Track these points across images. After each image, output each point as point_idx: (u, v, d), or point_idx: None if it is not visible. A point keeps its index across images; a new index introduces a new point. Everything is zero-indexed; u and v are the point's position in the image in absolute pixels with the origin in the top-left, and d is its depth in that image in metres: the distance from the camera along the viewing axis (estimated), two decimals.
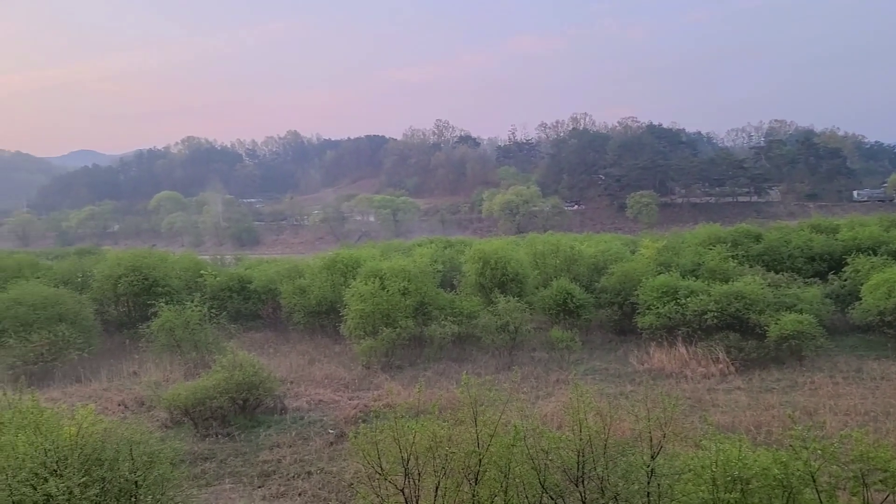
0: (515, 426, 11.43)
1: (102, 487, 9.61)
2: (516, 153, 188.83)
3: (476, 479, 11.08)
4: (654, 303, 28.95)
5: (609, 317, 32.39)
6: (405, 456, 11.27)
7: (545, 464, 11.24)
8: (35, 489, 8.99)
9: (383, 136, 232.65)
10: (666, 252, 36.77)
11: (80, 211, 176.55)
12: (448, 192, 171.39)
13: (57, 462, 9.49)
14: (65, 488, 9.03)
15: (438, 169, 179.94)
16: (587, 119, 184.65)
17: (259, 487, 16.15)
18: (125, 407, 22.41)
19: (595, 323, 32.73)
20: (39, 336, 26.56)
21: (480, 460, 11.11)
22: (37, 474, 9.19)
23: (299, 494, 15.58)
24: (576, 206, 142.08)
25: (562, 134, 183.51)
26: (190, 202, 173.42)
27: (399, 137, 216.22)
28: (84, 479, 9.35)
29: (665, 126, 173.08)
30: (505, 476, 11.07)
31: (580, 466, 11.19)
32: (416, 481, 11.30)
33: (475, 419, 11.47)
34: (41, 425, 10.37)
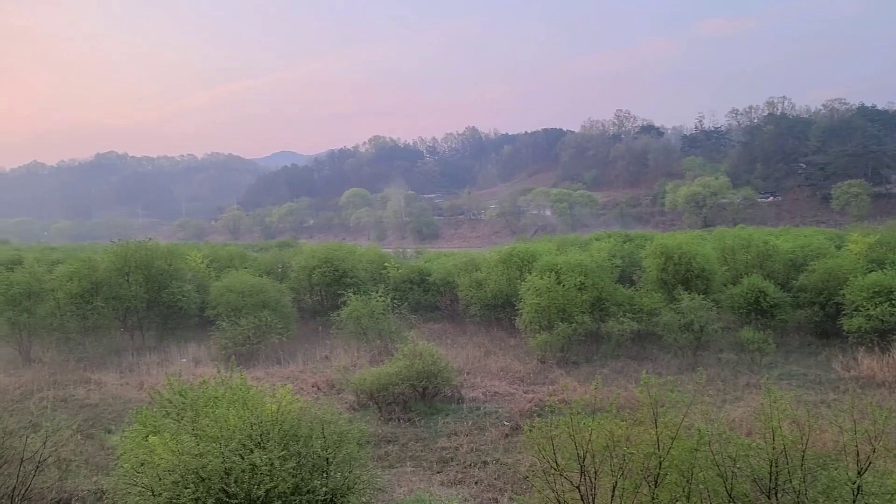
0: (699, 430, 10.79)
1: (298, 461, 10.42)
2: (703, 142, 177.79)
3: (656, 482, 10.63)
4: (864, 304, 26.05)
5: (809, 318, 29.59)
6: (581, 453, 11.07)
7: (733, 471, 10.51)
8: (243, 458, 9.96)
9: (561, 129, 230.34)
10: (879, 247, 32.82)
11: (280, 207, 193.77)
12: (628, 184, 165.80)
13: (260, 435, 10.45)
14: (267, 460, 9.93)
15: (618, 161, 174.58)
16: (785, 103, 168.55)
17: (438, 473, 16.69)
18: (318, 388, 24.13)
19: (792, 324, 30.08)
20: (247, 321, 29.34)
21: (661, 463, 10.63)
22: (244, 445, 10.18)
23: (476, 483, 15.89)
24: (771, 198, 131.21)
25: (755, 120, 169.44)
26: (375, 198, 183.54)
27: (577, 130, 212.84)
28: (283, 452, 10.21)
29: (880, 108, 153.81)
30: (687, 481, 10.50)
31: (773, 477, 10.31)
32: (593, 479, 11.07)
33: (655, 420, 10.98)
34: (248, 401, 11.48)
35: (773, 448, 10.44)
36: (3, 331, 30.34)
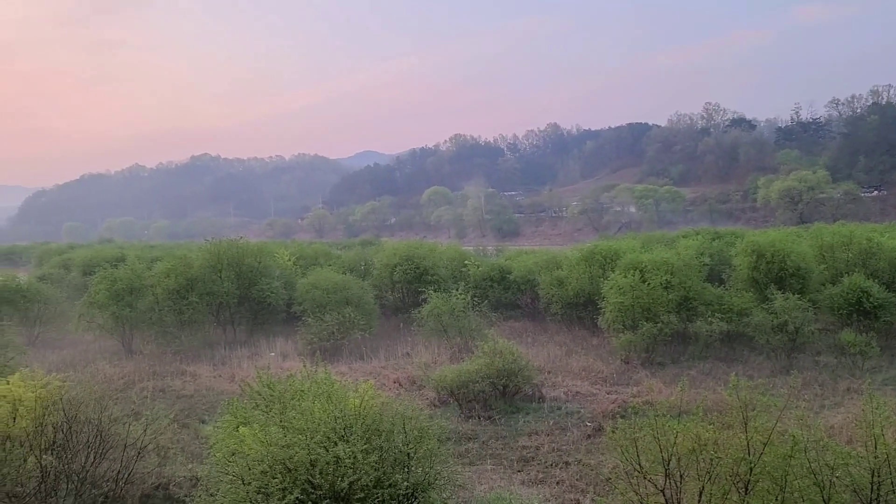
0: (794, 436, 10.29)
1: (380, 455, 10.61)
2: (800, 134, 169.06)
3: (746, 489, 10.22)
4: None
5: None
6: (666, 456, 10.78)
7: (830, 481, 9.97)
8: (327, 451, 10.22)
9: (646, 124, 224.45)
10: None
11: (363, 206, 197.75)
12: (717, 179, 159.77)
13: (344, 429, 10.69)
14: (350, 453, 10.14)
15: (706, 155, 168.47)
16: (891, 91, 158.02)
17: (518, 472, 16.61)
18: (399, 384, 24.46)
19: None
20: (331, 317, 30.08)
21: (751, 469, 10.21)
22: (329, 438, 10.44)
23: (557, 483, 15.72)
24: (875, 192, 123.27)
25: (858, 110, 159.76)
26: (455, 196, 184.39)
27: (663, 124, 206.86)
28: (366, 446, 10.41)
29: None
30: (781, 489, 10.04)
31: (874, 488, 9.73)
32: (678, 483, 10.76)
33: (745, 425, 10.56)
34: (332, 395, 11.77)
35: (875, 457, 9.86)
36: (108, 324, 32.22)
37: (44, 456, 12.54)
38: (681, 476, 10.73)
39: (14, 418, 12.75)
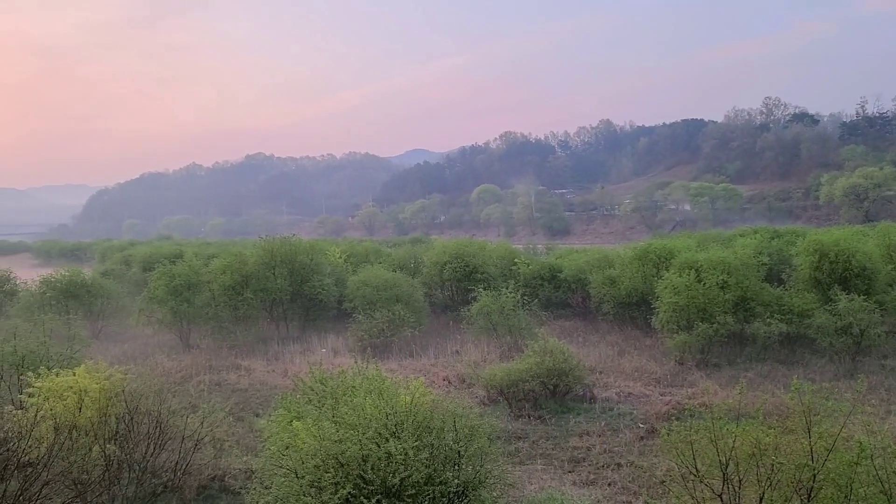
0: (860, 442, 9.88)
1: (431, 453, 10.61)
2: (866, 129, 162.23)
3: (809, 496, 9.87)
4: None
5: None
6: (724, 460, 10.49)
7: None
8: (378, 447, 10.28)
9: (702, 120, 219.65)
10: None
11: (412, 204, 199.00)
12: (777, 176, 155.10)
13: (395, 425, 10.74)
14: (402, 449, 10.18)
15: (765, 151, 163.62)
16: None
17: (569, 472, 16.42)
18: (448, 382, 24.48)
19: None
20: (381, 314, 30.30)
21: (815, 476, 9.86)
22: (380, 434, 10.50)
23: (609, 485, 15.49)
24: None
25: None
26: (505, 194, 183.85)
27: (720, 119, 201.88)
28: (416, 443, 10.43)
29: None
30: (846, 497, 9.66)
31: None
32: (737, 489, 10.46)
33: (808, 430, 10.20)
34: (383, 392, 11.84)
35: None
36: (167, 319, 33.15)
37: (107, 445, 12.96)
38: (739, 481, 10.44)
39: (80, 408, 13.22)
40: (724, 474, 10.52)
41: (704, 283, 26.98)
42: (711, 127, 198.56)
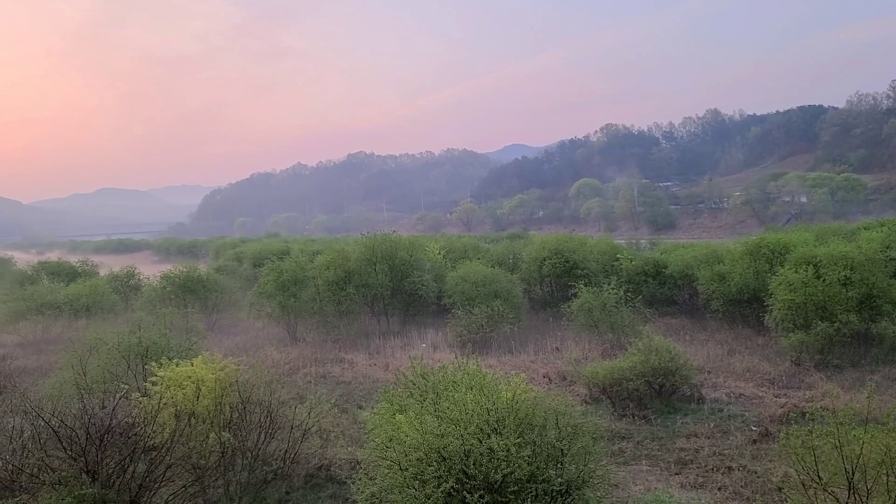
0: None
1: (533, 450, 10.49)
2: None
3: None
4: None
5: None
6: (850, 468, 9.78)
7: None
8: (480, 442, 10.26)
9: (821, 106, 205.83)
10: None
11: (510, 199, 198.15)
12: None
13: (497, 421, 10.68)
14: (504, 445, 10.12)
15: (893, 138, 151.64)
16: None
17: (676, 474, 15.83)
18: (549, 379, 24.17)
19: None
20: (480, 310, 30.32)
21: None
22: (482, 430, 10.47)
23: (719, 489, 14.80)
24: None
25: None
26: (606, 188, 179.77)
27: (841, 105, 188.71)
28: (518, 440, 10.33)
29: None
30: None
31: None
32: (864, 499, 9.72)
33: None
34: (484, 387, 11.81)
35: None
36: (275, 313, 34.58)
37: (222, 433, 13.63)
38: (867, 491, 9.70)
39: (198, 397, 13.97)
40: (849, 483, 9.81)
41: (824, 280, 25.31)
42: (832, 113, 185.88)
